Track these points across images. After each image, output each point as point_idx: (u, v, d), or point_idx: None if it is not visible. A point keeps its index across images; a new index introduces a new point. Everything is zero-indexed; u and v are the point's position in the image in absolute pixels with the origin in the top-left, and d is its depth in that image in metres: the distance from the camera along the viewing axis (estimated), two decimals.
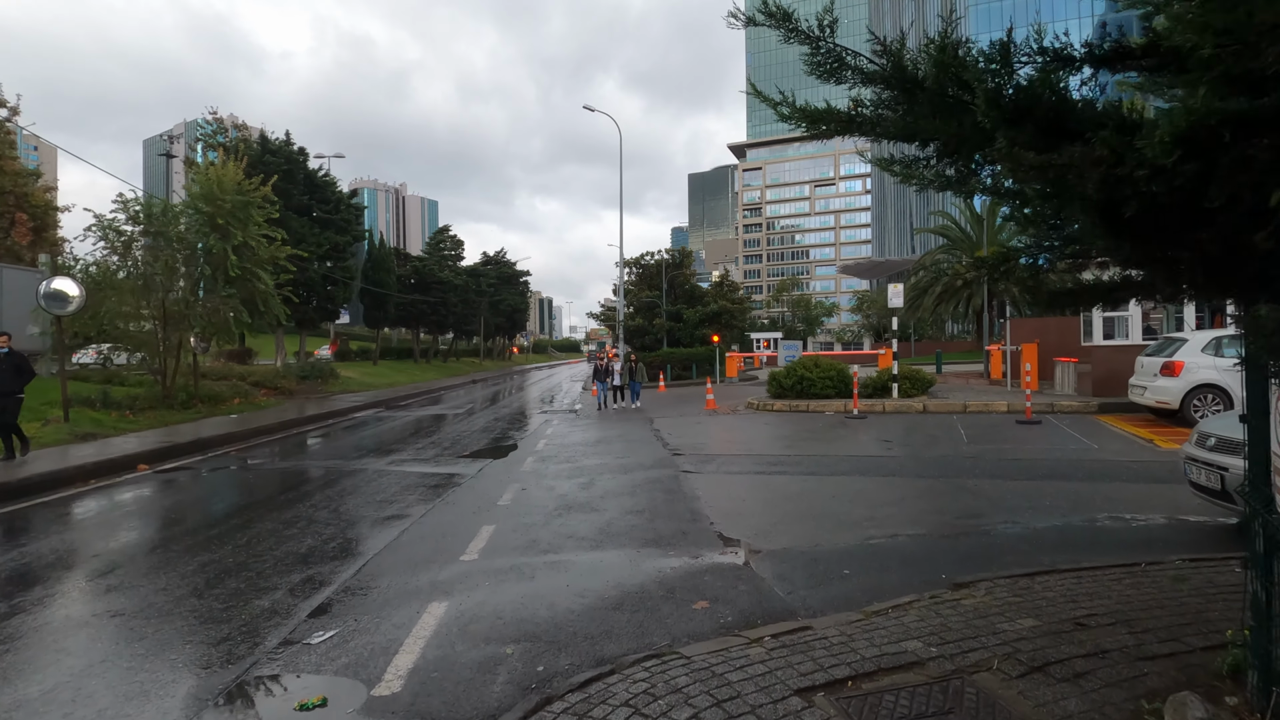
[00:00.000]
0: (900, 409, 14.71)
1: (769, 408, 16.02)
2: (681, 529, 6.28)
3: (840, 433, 12.36)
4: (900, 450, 10.21)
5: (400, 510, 7.49)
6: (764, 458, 10.07)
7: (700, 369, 33.08)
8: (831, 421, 13.83)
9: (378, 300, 38.61)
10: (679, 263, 37.42)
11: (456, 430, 15.10)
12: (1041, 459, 9.09)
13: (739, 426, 13.86)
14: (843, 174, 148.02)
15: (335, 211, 30.33)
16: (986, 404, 14.36)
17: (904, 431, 12.17)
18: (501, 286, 60.17)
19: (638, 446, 11.53)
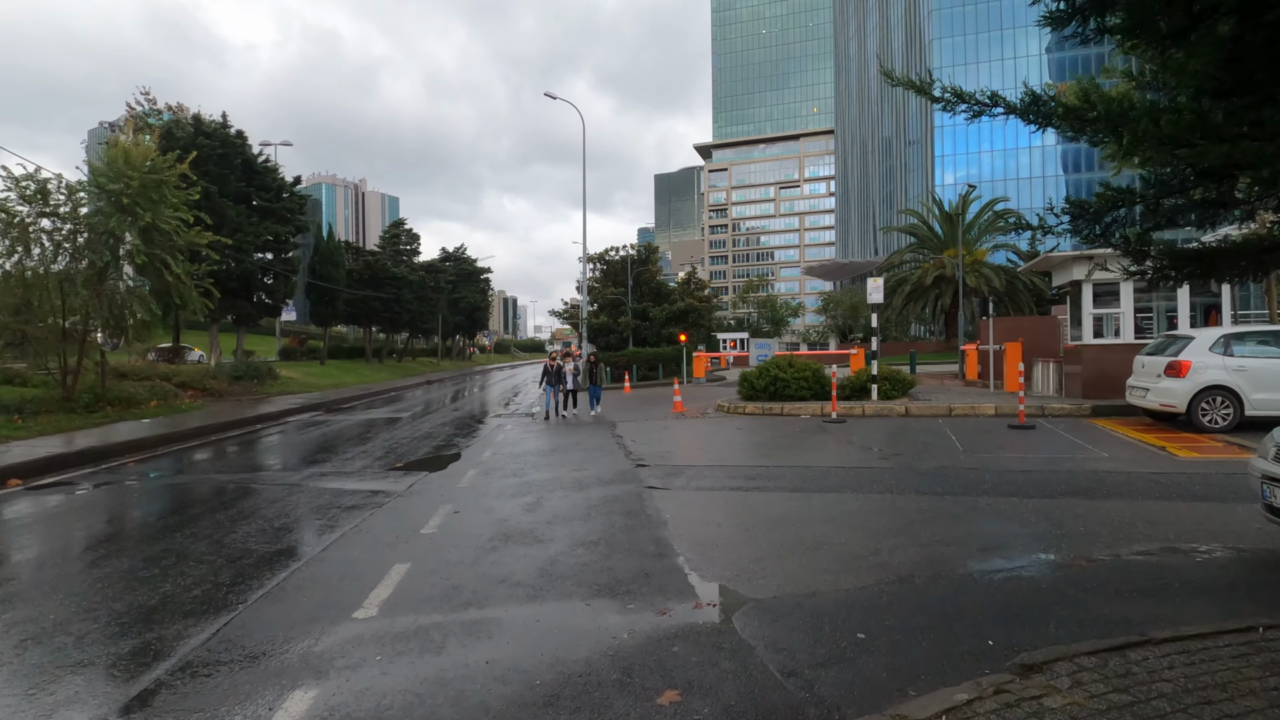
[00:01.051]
0: (881, 412, 13.67)
1: (740, 410, 14.86)
2: (644, 567, 4.99)
3: (820, 439, 11.22)
4: (891, 460, 9.08)
5: (297, 541, 6.07)
6: (740, 470, 8.84)
7: (667, 369, 31.90)
8: (809, 426, 12.71)
9: (325, 296, 36.54)
10: (645, 259, 36.15)
11: (396, 437, 13.58)
12: (1051, 471, 8.04)
13: (709, 432, 12.64)
14: (807, 175, 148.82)
15: (276, 200, 28.34)
16: (973, 407, 13.40)
17: (889, 438, 11.08)
18: (461, 284, 58.21)
19: (597, 456, 10.21)
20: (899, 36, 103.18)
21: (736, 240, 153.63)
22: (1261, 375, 9.85)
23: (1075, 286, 14.15)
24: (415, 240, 48.17)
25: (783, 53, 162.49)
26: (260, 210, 27.77)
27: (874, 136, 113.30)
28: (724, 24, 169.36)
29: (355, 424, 16.47)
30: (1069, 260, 13.89)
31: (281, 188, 28.52)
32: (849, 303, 60.44)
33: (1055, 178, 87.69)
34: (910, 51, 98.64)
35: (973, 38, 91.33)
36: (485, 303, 62.68)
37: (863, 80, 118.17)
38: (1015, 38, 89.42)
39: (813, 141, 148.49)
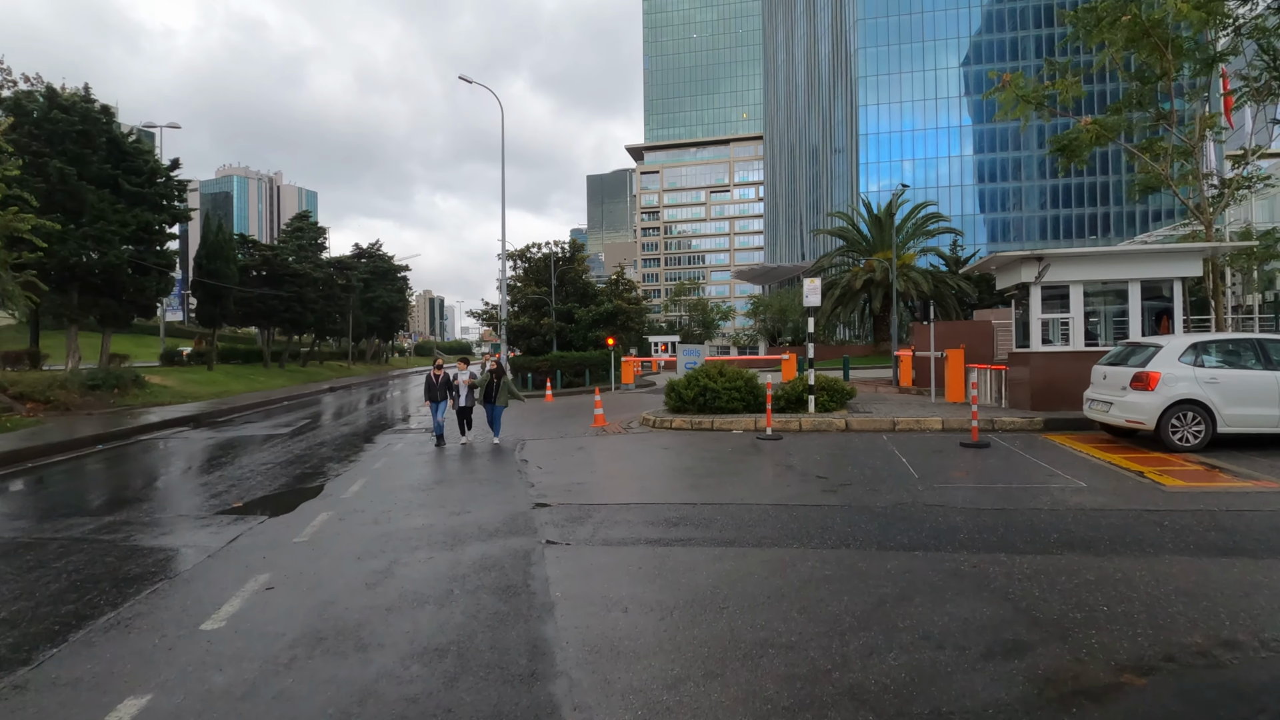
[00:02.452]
0: (819, 426, 12.32)
1: (667, 425, 13.26)
2: (501, 708, 3.23)
3: (756, 462, 9.70)
4: (840, 494, 7.61)
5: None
6: (661, 510, 7.16)
7: (595, 374, 30.13)
8: (742, 444, 11.20)
9: (214, 294, 32.99)
10: (570, 256, 34.18)
11: (256, 462, 11.31)
12: (1031, 509, 6.71)
13: (631, 453, 10.95)
14: (737, 180, 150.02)
15: (149, 185, 25.00)
16: (918, 420, 12.21)
17: (833, 460, 9.67)
18: (376, 282, 54.75)
19: (490, 491, 8.36)
20: (826, 45, 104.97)
21: (669, 243, 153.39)
22: (1234, 388, 8.92)
23: (1022, 289, 13.21)
24: (321, 234, 44.60)
25: (713, 58, 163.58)
26: (130, 196, 24.40)
27: (801, 143, 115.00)
28: (655, 26, 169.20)
29: (216, 444, 14.00)
30: (1016, 261, 12.93)
31: (155, 170, 25.16)
32: (778, 306, 60.20)
33: (972, 186, 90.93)
34: (836, 60, 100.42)
35: (895, 48, 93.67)
36: (403, 302, 59.27)
37: (791, 87, 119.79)
38: (936, 50, 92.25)
39: (742, 147, 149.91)
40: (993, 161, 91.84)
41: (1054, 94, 14.04)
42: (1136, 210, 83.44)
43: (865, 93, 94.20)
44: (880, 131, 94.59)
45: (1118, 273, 12.51)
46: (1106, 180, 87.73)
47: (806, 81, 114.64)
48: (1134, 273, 12.42)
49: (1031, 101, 13.98)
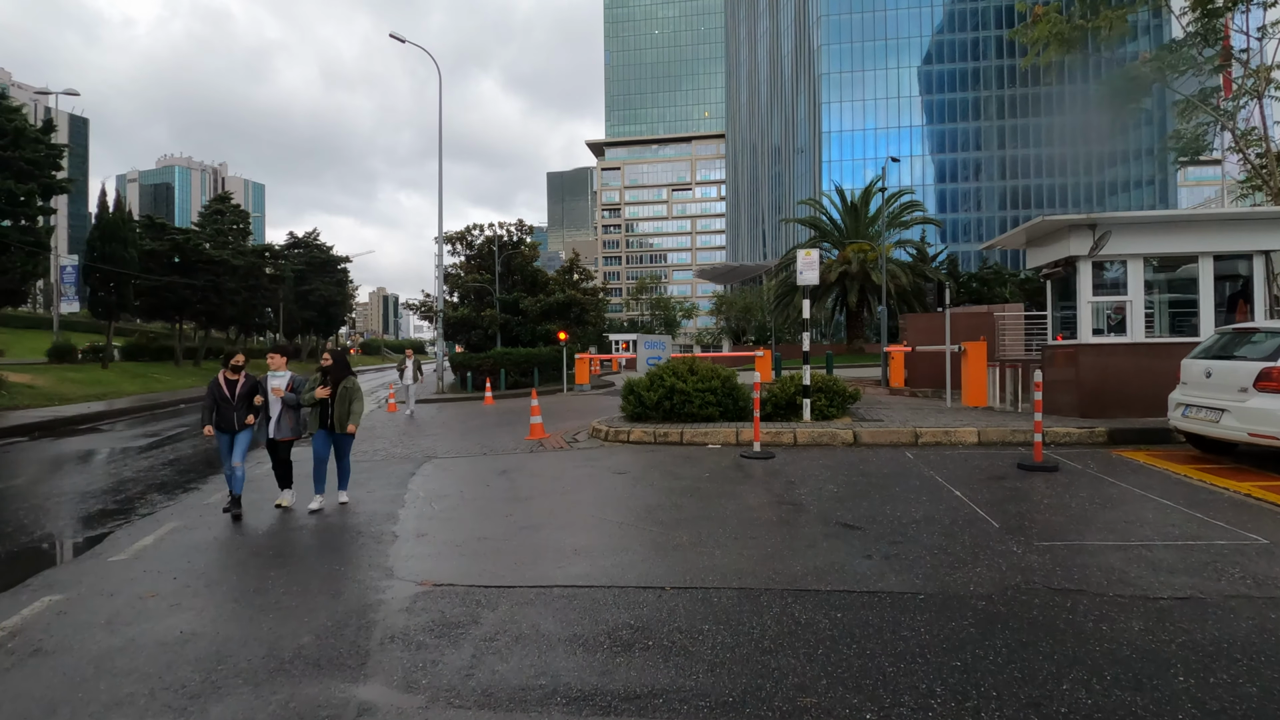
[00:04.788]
0: (820, 439, 9.45)
1: (622, 437, 10.23)
2: None
3: (747, 496, 6.74)
4: (897, 562, 4.67)
5: None
6: (605, 606, 4.12)
7: (545, 373, 26.93)
8: (723, 466, 8.25)
9: (110, 281, 28.75)
10: (517, 241, 30.77)
11: (65, 486, 7.98)
12: (1230, 598, 3.90)
13: (570, 482, 7.88)
14: (699, 179, 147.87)
15: (14, 148, 20.98)
16: (946, 431, 9.43)
17: (855, 491, 6.77)
18: (312, 274, 50.45)
19: (317, 572, 5.23)
20: (788, 42, 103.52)
21: (630, 241, 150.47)
22: None
23: (1067, 266, 10.57)
24: (244, 219, 40.29)
25: (675, 54, 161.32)
26: None
27: (764, 142, 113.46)
28: (616, 21, 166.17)
29: (38, 459, 10.49)
30: (1063, 229, 10.29)
31: (21, 132, 21.14)
32: (742, 304, 57.77)
33: (932, 186, 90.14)
34: (799, 57, 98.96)
35: (859, 45, 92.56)
36: (343, 296, 54.97)
37: (753, 85, 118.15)
38: (899, 48, 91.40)
39: (704, 145, 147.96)
40: (952, 162, 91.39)
41: (1095, 29, 11.47)
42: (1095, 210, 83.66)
43: (828, 90, 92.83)
44: (843, 129, 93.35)
45: (1188, 245, 9.96)
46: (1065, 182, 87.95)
47: (769, 79, 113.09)
48: (1207, 244, 9.89)
49: (1067, 41, 11.39)
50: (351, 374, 7.09)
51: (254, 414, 6.81)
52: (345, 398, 6.95)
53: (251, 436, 6.94)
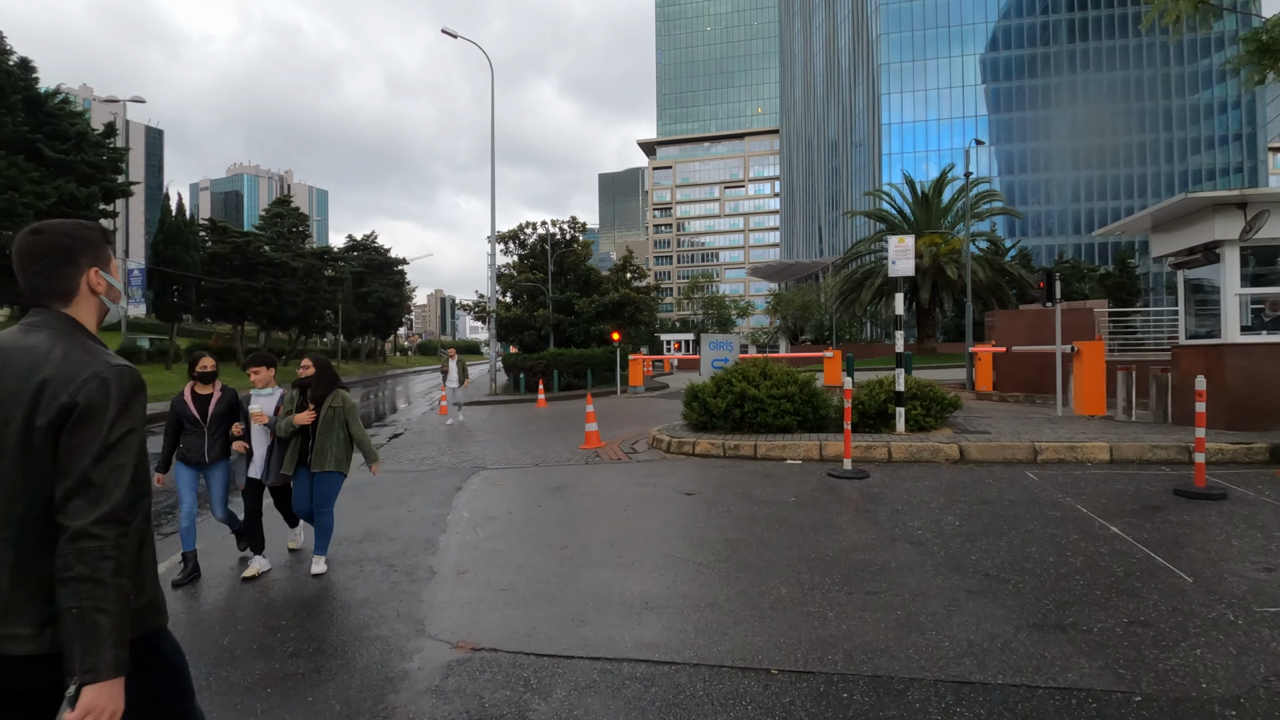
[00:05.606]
0: (919, 455, 8.18)
1: (688, 449, 9.17)
2: None
3: (849, 530, 5.58)
4: (1078, 634, 3.48)
5: None
6: (693, 693, 3.10)
7: (598, 375, 26.08)
8: (810, 488, 7.10)
9: (174, 284, 29.24)
10: (570, 239, 30.02)
11: None
12: None
13: (631, 510, 6.84)
14: (752, 176, 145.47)
15: (77, 151, 21.27)
16: (1070, 446, 8.05)
17: (982, 525, 5.54)
18: (370, 276, 51.02)
19: (335, 622, 4.34)
20: (846, 32, 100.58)
21: (681, 240, 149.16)
22: None
23: (1207, 253, 9.02)
24: (303, 221, 40.80)
25: (727, 51, 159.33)
26: (52, 165, 20.68)
27: (820, 136, 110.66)
28: (668, 19, 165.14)
29: None
30: (1203, 211, 8.74)
31: (83, 135, 21.42)
32: (800, 302, 55.92)
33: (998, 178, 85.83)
34: (857, 48, 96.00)
35: (919, 34, 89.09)
36: (400, 298, 55.47)
37: (808, 79, 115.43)
38: (962, 35, 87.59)
39: (758, 141, 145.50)
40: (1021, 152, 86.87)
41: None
42: None
43: (888, 80, 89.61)
44: (904, 121, 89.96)
45: None
46: (1144, 171, 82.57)
47: (825, 72, 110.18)
48: None
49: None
50: (342, 387, 5.24)
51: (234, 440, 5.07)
52: (334, 422, 5.03)
53: (228, 474, 5.15)
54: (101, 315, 1.72)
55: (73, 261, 1.60)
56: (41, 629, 1.42)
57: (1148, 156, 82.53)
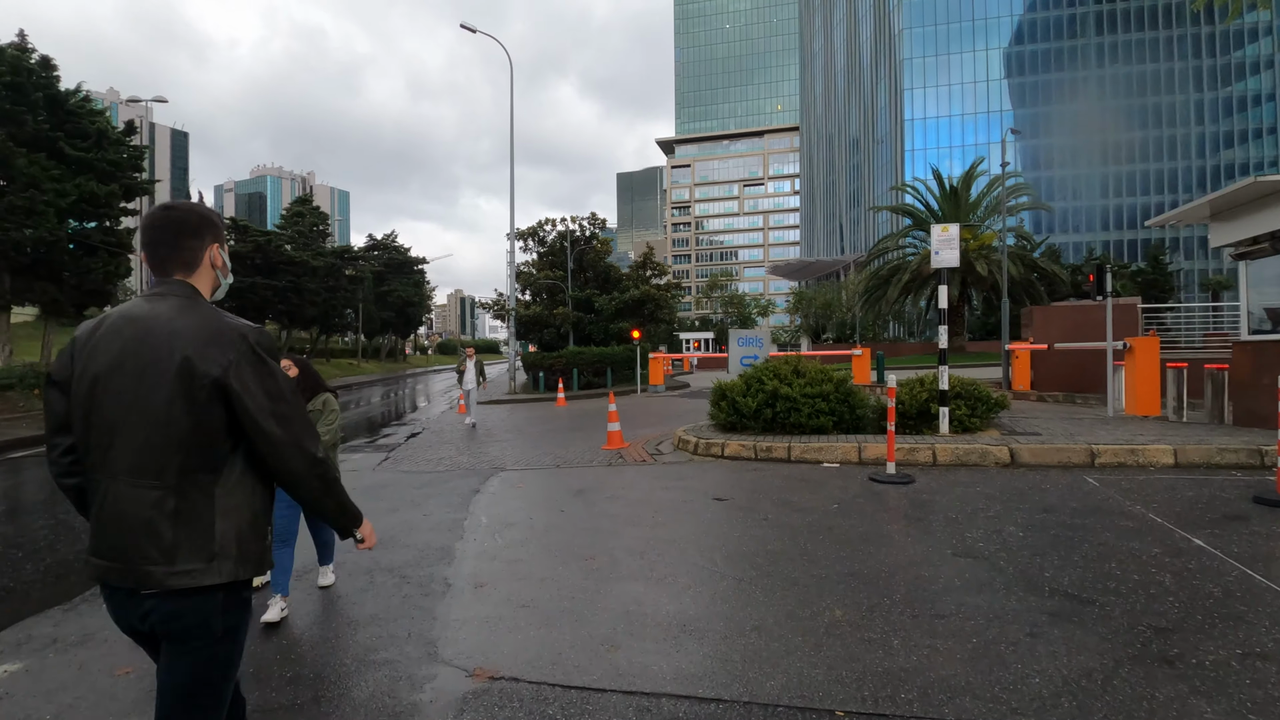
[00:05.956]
0: (965, 459, 7.66)
1: (715, 450, 8.71)
2: None
3: (907, 548, 5.09)
4: (1199, 684, 2.99)
5: None
6: None
7: (618, 374, 25.70)
8: (855, 499, 6.62)
9: None
10: (590, 236, 29.63)
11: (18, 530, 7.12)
12: None
13: (660, 516, 6.39)
14: (772, 173, 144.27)
15: (97, 149, 21.27)
16: (1131, 449, 7.48)
17: (1052, 540, 5.03)
18: (390, 275, 51.03)
19: (339, 643, 3.95)
20: (867, 28, 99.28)
21: (700, 239, 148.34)
22: None
23: (1274, 241, 8.39)
24: (323, 220, 40.84)
25: (746, 48, 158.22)
26: (73, 163, 20.70)
27: (841, 133, 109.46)
28: (687, 17, 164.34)
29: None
30: (1271, 196, 8.12)
31: (103, 133, 21.43)
32: (822, 300, 55.10)
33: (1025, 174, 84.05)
34: (879, 43, 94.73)
35: (943, 28, 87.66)
36: (420, 297, 55.49)
37: (829, 75, 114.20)
38: (986, 28, 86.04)
39: (777, 139, 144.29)
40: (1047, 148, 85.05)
41: None
42: None
43: (910, 76, 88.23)
44: (927, 116, 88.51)
45: None
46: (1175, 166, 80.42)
47: (846, 68, 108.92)
48: None
49: None
50: (327, 390, 4.67)
51: None
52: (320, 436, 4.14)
53: None
54: (214, 287, 1.86)
55: (199, 236, 1.77)
56: (209, 564, 1.59)
57: (1178, 151, 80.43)
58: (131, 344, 1.61)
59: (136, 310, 1.66)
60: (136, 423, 1.59)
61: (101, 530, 1.61)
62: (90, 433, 1.63)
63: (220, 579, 1.60)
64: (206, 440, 1.60)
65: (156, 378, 1.58)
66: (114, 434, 1.60)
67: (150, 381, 1.58)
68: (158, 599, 1.59)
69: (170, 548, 1.57)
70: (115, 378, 1.60)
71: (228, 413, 1.62)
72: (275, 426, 1.64)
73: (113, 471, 1.60)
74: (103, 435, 1.61)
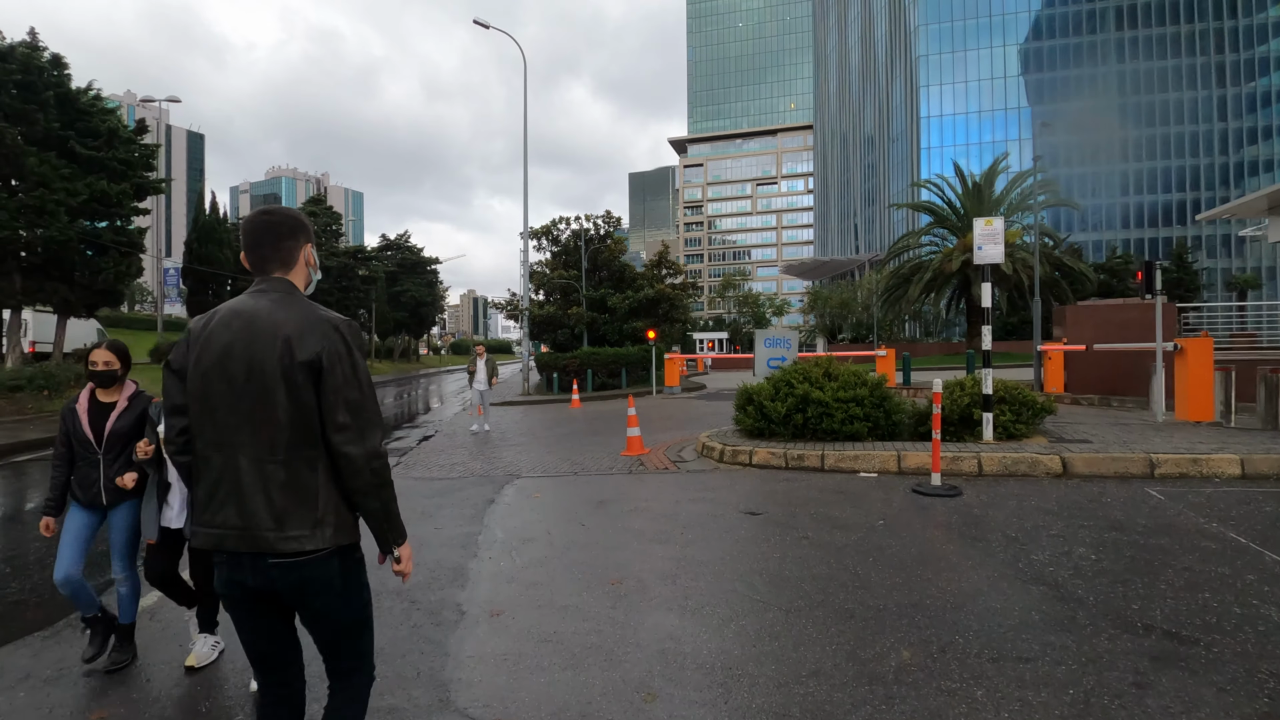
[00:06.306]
0: (1015, 468, 7.14)
1: (741, 458, 8.23)
2: None
3: (969, 573, 4.57)
4: None
5: None
6: None
7: (632, 375, 25.26)
8: (901, 513, 6.13)
9: (207, 282, 29.17)
10: (604, 234, 29.20)
11: None
12: None
13: (689, 534, 5.92)
14: (785, 172, 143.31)
15: (108, 148, 21.09)
16: (1193, 458, 6.95)
17: (1131, 566, 4.52)
18: (403, 275, 50.92)
19: None
20: (882, 25, 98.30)
21: (712, 238, 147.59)
22: None
23: None
24: (336, 220, 40.70)
25: (759, 46, 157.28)
26: (84, 161, 20.53)
27: (855, 131, 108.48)
28: (699, 15, 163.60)
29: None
30: None
31: (114, 132, 21.23)
32: (838, 300, 54.38)
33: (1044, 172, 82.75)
34: (894, 40, 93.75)
35: (959, 24, 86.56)
36: (433, 297, 55.34)
37: (843, 73, 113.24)
38: (1004, 24, 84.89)
39: (790, 137, 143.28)
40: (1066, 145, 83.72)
41: None
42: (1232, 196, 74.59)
43: (926, 73, 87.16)
44: (943, 114, 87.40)
45: None
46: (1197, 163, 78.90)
47: (861, 65, 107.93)
48: None
49: None
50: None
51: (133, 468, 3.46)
52: None
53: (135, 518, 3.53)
54: (307, 282, 2.04)
55: (294, 237, 1.97)
56: (314, 530, 1.78)
57: (1200, 148, 78.93)
58: (241, 335, 1.78)
59: (243, 305, 1.85)
60: (248, 405, 1.77)
61: (215, 501, 1.79)
62: (205, 415, 1.81)
63: (324, 544, 1.79)
64: (306, 419, 1.78)
65: (263, 364, 1.76)
66: (228, 415, 1.78)
67: (258, 368, 1.76)
68: (282, 567, 1.77)
69: (280, 515, 1.76)
70: (227, 365, 1.78)
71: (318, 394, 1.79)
72: (344, 410, 1.79)
73: (228, 449, 1.78)
74: (217, 416, 1.79)
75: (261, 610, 1.85)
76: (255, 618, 1.86)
